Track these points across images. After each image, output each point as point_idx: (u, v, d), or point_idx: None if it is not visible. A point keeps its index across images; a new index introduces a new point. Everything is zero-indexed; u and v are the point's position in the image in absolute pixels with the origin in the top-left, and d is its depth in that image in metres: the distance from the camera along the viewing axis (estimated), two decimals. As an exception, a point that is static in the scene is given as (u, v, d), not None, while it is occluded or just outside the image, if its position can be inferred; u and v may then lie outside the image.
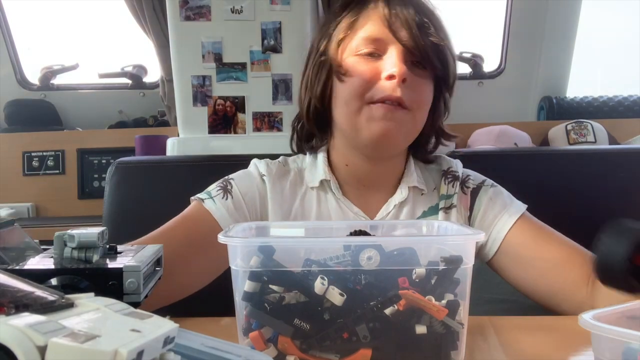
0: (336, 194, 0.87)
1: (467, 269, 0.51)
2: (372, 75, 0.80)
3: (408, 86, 0.79)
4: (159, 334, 0.30)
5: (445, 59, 0.82)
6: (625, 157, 1.31)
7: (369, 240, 0.53)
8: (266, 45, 2.03)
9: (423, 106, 0.83)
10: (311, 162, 0.91)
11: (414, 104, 0.80)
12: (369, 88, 0.80)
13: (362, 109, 0.80)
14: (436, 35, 0.80)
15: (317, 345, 0.50)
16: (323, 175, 0.88)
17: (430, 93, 0.84)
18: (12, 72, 2.44)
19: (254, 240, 0.56)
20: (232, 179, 0.89)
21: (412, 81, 0.79)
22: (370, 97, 0.80)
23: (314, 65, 0.88)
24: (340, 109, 0.84)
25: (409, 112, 0.80)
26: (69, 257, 0.44)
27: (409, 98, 0.79)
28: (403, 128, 0.81)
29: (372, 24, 0.82)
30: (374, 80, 0.80)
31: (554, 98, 2.34)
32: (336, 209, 0.87)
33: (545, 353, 0.62)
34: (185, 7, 2.02)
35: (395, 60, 0.79)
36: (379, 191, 0.89)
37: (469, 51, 2.39)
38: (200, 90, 2.05)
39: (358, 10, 0.85)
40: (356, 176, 0.88)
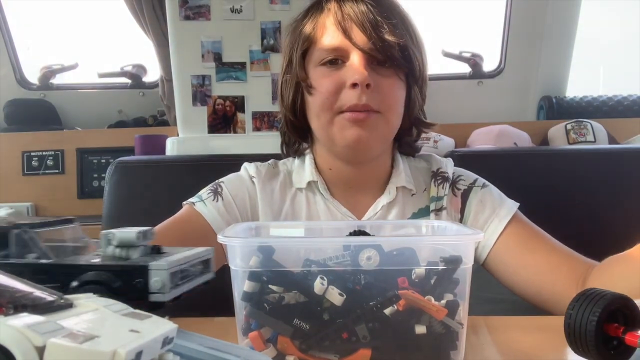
0: (324, 194, 0.88)
1: (466, 269, 0.51)
2: (336, 85, 0.80)
3: (374, 90, 0.79)
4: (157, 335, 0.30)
5: (407, 55, 0.81)
6: (625, 157, 1.31)
7: (369, 241, 0.53)
8: (266, 44, 2.03)
9: (394, 106, 0.83)
10: (299, 165, 0.92)
11: (383, 105, 0.80)
12: (335, 99, 0.80)
13: (333, 120, 0.81)
14: (394, 33, 0.79)
15: (316, 345, 0.50)
16: (310, 177, 0.88)
17: (400, 90, 0.83)
18: (12, 72, 2.44)
19: (253, 240, 0.56)
20: (222, 182, 0.90)
21: (377, 84, 0.79)
22: (338, 108, 0.80)
23: (284, 79, 0.89)
24: (313, 121, 0.85)
25: (380, 115, 0.80)
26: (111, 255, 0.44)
27: (376, 102, 0.79)
28: (376, 132, 0.81)
29: (329, 33, 0.82)
30: (339, 90, 0.80)
31: (554, 98, 2.34)
32: (324, 210, 0.87)
33: (543, 353, 0.62)
34: (185, 6, 2.02)
35: (357, 67, 0.79)
36: (367, 192, 0.89)
37: (469, 51, 2.39)
38: (199, 89, 2.05)
39: (315, 17, 0.84)
40: (341, 179, 0.89)
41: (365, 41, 0.79)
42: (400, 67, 0.81)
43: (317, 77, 0.82)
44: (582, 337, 0.51)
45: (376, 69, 0.80)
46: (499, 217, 0.86)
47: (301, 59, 0.85)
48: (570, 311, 0.52)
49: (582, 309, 0.51)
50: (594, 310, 0.50)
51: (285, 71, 0.88)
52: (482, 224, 0.86)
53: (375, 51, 0.79)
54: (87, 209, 2.15)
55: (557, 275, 0.80)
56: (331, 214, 0.87)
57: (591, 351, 0.51)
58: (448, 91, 2.27)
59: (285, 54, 0.89)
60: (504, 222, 0.85)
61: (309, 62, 0.84)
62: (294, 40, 0.87)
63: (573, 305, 0.52)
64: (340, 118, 0.80)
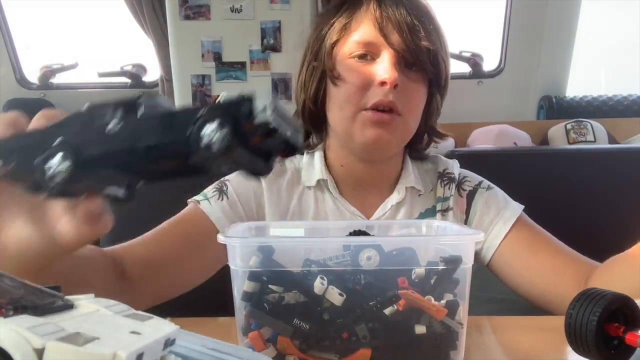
0: (333, 193, 0.88)
1: (466, 269, 0.51)
2: (365, 81, 0.80)
3: (400, 91, 0.79)
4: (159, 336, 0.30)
5: (437, 62, 0.82)
6: (625, 157, 1.31)
7: (369, 240, 0.53)
8: (266, 44, 2.03)
9: (415, 111, 0.83)
10: (308, 162, 0.91)
11: (406, 108, 0.80)
12: (362, 95, 0.80)
13: (356, 115, 0.81)
14: (428, 38, 0.80)
15: (316, 345, 0.50)
16: (320, 175, 0.88)
17: (422, 96, 0.84)
18: (12, 71, 2.44)
19: (253, 240, 0.56)
20: (227, 180, 0.89)
21: (404, 86, 0.79)
22: (364, 104, 0.80)
23: (308, 67, 0.88)
24: (334, 113, 0.84)
25: (401, 117, 0.80)
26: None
27: (401, 103, 0.79)
28: (395, 134, 0.81)
29: (364, 27, 0.82)
30: (367, 87, 0.80)
31: (554, 97, 2.34)
32: (333, 209, 0.87)
33: (544, 353, 0.62)
34: (185, 6, 2.02)
35: (388, 65, 0.79)
36: (376, 191, 0.89)
37: (469, 50, 2.40)
38: (199, 89, 2.05)
39: (351, 12, 0.84)
40: (352, 176, 0.88)
41: (399, 41, 0.79)
42: (427, 73, 0.82)
43: (345, 70, 0.82)
44: (582, 336, 0.51)
45: (404, 71, 0.80)
46: (503, 219, 0.86)
47: (330, 49, 0.84)
48: (571, 311, 0.52)
49: (583, 309, 0.51)
50: (595, 310, 0.50)
51: (312, 58, 0.87)
52: (487, 226, 0.86)
53: (407, 53, 0.79)
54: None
55: (561, 277, 0.80)
56: (340, 213, 0.87)
57: (592, 351, 0.51)
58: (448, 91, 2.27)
59: (313, 40, 0.88)
60: (509, 224, 0.85)
61: (337, 53, 0.84)
62: (325, 29, 0.86)
63: (573, 305, 0.52)
64: (362, 116, 0.80)
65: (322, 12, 0.90)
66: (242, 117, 0.35)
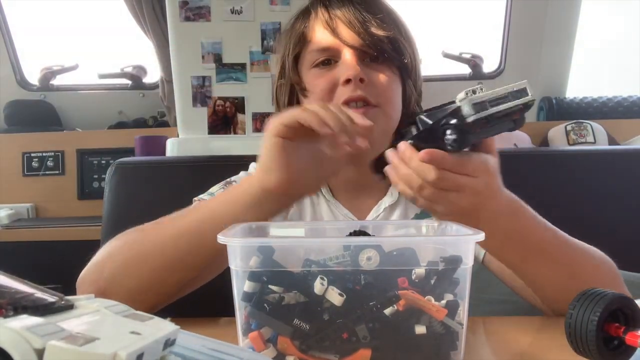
0: (327, 196, 0.88)
1: (466, 269, 0.51)
2: (330, 84, 0.80)
3: (368, 84, 0.79)
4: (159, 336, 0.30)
5: (397, 48, 0.81)
6: (625, 158, 1.31)
7: (369, 241, 0.53)
8: (266, 45, 2.03)
9: (391, 99, 0.83)
10: None
11: (380, 99, 0.80)
12: (330, 98, 0.80)
13: None
14: (381, 26, 0.80)
15: (316, 345, 0.50)
16: None
17: (395, 84, 0.83)
18: (12, 73, 2.44)
19: (253, 241, 0.56)
20: (234, 181, 0.89)
21: (371, 78, 0.79)
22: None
23: (278, 84, 0.89)
24: None
25: (379, 109, 0.80)
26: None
27: (372, 95, 0.79)
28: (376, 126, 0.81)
29: (318, 34, 0.82)
30: (334, 88, 0.80)
31: (554, 98, 2.34)
32: (327, 212, 0.87)
33: (544, 353, 0.62)
34: (185, 7, 2.02)
35: (349, 63, 0.79)
36: (370, 193, 0.89)
37: (469, 52, 2.40)
38: (200, 90, 2.05)
39: (303, 22, 0.85)
40: (344, 180, 0.88)
41: (354, 38, 0.79)
42: (392, 61, 0.82)
43: (311, 79, 0.83)
44: (582, 337, 0.51)
45: (369, 65, 0.80)
46: None
47: (294, 64, 0.85)
48: (571, 311, 0.52)
49: (583, 309, 0.51)
50: (595, 310, 0.50)
51: (279, 76, 0.89)
52: None
53: (365, 46, 0.79)
54: (87, 210, 2.14)
55: None
56: (334, 216, 0.87)
57: (592, 351, 0.50)
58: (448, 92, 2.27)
59: (278, 60, 0.89)
60: None
61: (302, 66, 0.85)
62: (285, 45, 0.87)
63: (574, 305, 0.52)
64: None
65: (284, 30, 0.91)
66: (460, 121, 0.55)
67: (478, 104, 0.54)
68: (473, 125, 0.54)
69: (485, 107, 0.54)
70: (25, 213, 2.18)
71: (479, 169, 0.59)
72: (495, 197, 0.62)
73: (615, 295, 0.51)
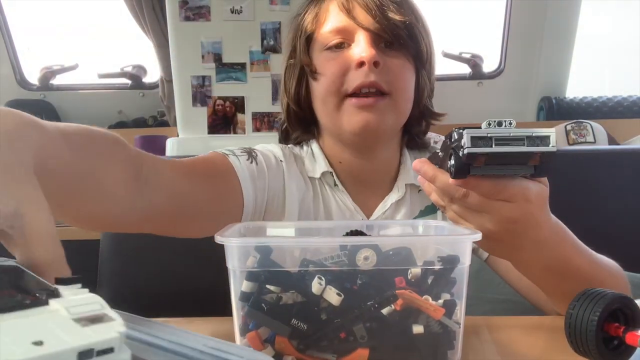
0: (339, 186, 0.86)
1: (463, 269, 0.51)
2: (343, 67, 0.77)
3: (382, 70, 0.76)
4: (63, 349, 0.26)
5: (414, 34, 0.79)
6: (625, 158, 1.31)
7: (366, 240, 0.53)
8: (266, 45, 2.03)
9: (403, 88, 0.80)
10: (310, 152, 0.89)
11: (393, 86, 0.78)
12: (342, 81, 0.77)
13: (340, 105, 0.78)
14: (399, 11, 0.78)
15: (314, 345, 0.50)
16: (324, 167, 0.86)
17: (409, 73, 0.81)
18: (12, 72, 2.44)
19: (251, 240, 0.56)
20: (256, 149, 0.85)
21: (385, 64, 0.77)
22: (345, 90, 0.77)
23: (287, 66, 0.87)
24: (319, 108, 0.83)
25: (390, 98, 0.78)
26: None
27: (385, 81, 0.77)
28: (385, 116, 0.79)
29: (333, 15, 0.80)
30: (345, 72, 0.77)
31: (554, 98, 2.34)
32: (335, 204, 0.86)
33: (544, 353, 0.62)
34: (185, 7, 2.02)
35: (363, 45, 0.76)
36: (377, 188, 0.87)
37: (469, 51, 2.40)
38: (199, 90, 2.05)
39: (318, 3, 0.83)
40: (351, 173, 0.87)
41: (370, 21, 0.77)
42: (407, 48, 0.79)
43: (322, 62, 0.80)
44: (582, 336, 0.51)
45: (384, 51, 0.78)
46: None
47: (305, 45, 0.83)
48: (571, 311, 0.52)
49: (583, 309, 0.51)
50: (595, 309, 0.50)
51: (289, 57, 0.86)
52: None
53: (381, 30, 0.77)
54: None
55: None
56: (341, 209, 0.85)
57: (592, 351, 0.50)
58: (448, 92, 2.27)
59: (289, 42, 0.87)
60: None
61: (313, 48, 0.83)
62: (298, 26, 0.85)
63: (574, 305, 0.52)
64: (347, 104, 0.78)
65: (295, 16, 0.89)
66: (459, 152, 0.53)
67: (480, 138, 0.51)
68: (469, 158, 0.51)
69: (489, 144, 0.51)
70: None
71: (517, 196, 0.56)
72: (538, 226, 0.59)
73: (615, 295, 0.51)
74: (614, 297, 0.51)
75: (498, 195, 0.56)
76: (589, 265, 0.69)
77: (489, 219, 0.57)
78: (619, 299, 0.51)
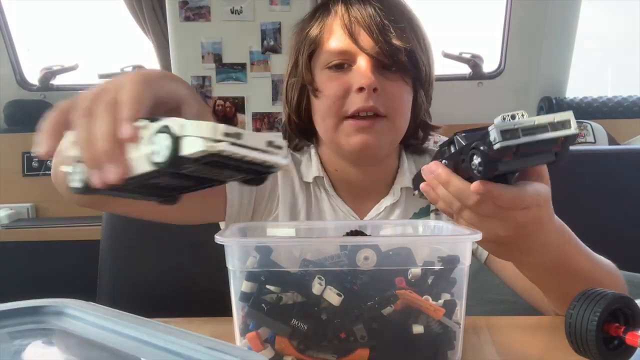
0: (329, 191, 0.88)
1: (463, 269, 0.51)
2: (343, 90, 0.79)
3: (381, 94, 0.78)
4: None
5: (414, 60, 0.81)
6: (625, 158, 1.31)
7: (366, 240, 0.53)
8: (266, 45, 2.03)
9: (400, 110, 0.82)
10: (307, 157, 0.91)
11: (391, 110, 0.80)
12: (342, 104, 0.79)
13: (339, 125, 0.80)
14: (400, 36, 0.79)
15: (314, 345, 0.50)
16: (317, 172, 0.88)
17: (406, 95, 0.83)
18: (12, 73, 2.44)
19: (251, 241, 0.56)
20: None
21: (384, 88, 0.79)
22: (344, 112, 0.79)
23: (289, 81, 0.88)
24: (319, 124, 0.85)
25: (387, 120, 0.80)
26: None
27: (383, 105, 0.78)
28: (383, 137, 0.81)
29: (336, 36, 0.81)
30: (346, 95, 0.79)
31: (554, 98, 2.34)
32: (329, 207, 0.87)
33: (544, 353, 0.62)
34: (185, 7, 2.02)
35: (364, 71, 0.78)
36: (372, 193, 0.89)
37: (469, 52, 2.39)
38: (199, 90, 2.05)
39: (322, 20, 0.84)
40: (346, 181, 0.88)
41: (372, 45, 0.78)
42: (406, 72, 0.81)
43: (324, 81, 0.82)
44: (583, 336, 0.51)
45: (383, 73, 0.80)
46: None
47: (307, 61, 0.84)
48: (571, 311, 0.52)
49: (583, 309, 0.51)
50: (595, 309, 0.50)
51: (291, 73, 0.88)
52: None
53: (382, 55, 0.78)
54: (87, 210, 2.13)
55: None
56: (334, 211, 0.87)
57: (592, 351, 0.50)
58: (448, 92, 2.27)
59: (291, 55, 0.88)
60: None
61: (315, 64, 0.84)
62: (300, 42, 0.86)
63: (573, 305, 0.52)
64: (345, 124, 0.80)
65: (297, 23, 0.90)
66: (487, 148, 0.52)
67: (508, 131, 0.50)
68: (500, 153, 0.51)
69: (517, 135, 0.50)
70: (25, 213, 2.18)
71: (533, 203, 0.56)
72: (545, 229, 0.60)
73: (615, 295, 0.51)
74: (614, 297, 0.51)
75: (520, 206, 0.55)
76: (588, 265, 0.69)
77: (500, 225, 0.56)
78: (619, 299, 0.51)
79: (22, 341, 0.45)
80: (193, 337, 0.39)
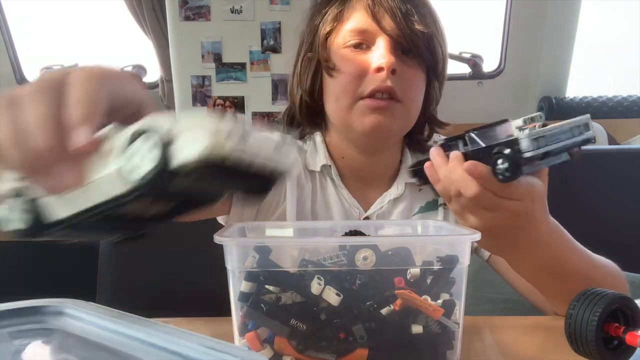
0: (336, 180, 0.87)
1: (462, 269, 0.51)
2: (361, 69, 0.78)
3: (398, 77, 0.78)
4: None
5: (433, 46, 0.81)
6: (624, 157, 1.31)
7: (365, 240, 0.53)
8: (266, 45, 2.03)
9: (415, 97, 0.82)
10: (312, 146, 0.90)
11: (406, 95, 0.79)
12: (359, 83, 0.78)
13: (353, 105, 0.79)
14: (422, 21, 0.79)
15: (313, 345, 0.50)
16: (324, 161, 0.87)
17: (421, 82, 0.83)
18: (12, 72, 2.44)
19: (249, 241, 0.56)
20: None
21: (402, 72, 0.78)
22: (361, 92, 0.78)
23: (303, 59, 0.87)
24: (331, 104, 0.83)
25: (401, 105, 0.79)
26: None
27: (400, 88, 0.78)
28: (395, 121, 0.80)
29: (357, 15, 0.81)
30: (363, 75, 0.78)
31: (554, 98, 2.34)
32: (334, 196, 0.87)
33: (544, 353, 0.62)
34: (185, 7, 2.02)
35: (383, 51, 0.77)
36: (376, 184, 0.89)
37: (469, 51, 2.39)
38: (199, 90, 2.05)
39: (343, 1, 0.84)
40: (352, 169, 0.88)
41: (393, 27, 0.78)
42: (423, 58, 0.81)
43: (341, 59, 0.81)
44: (582, 336, 0.51)
45: (401, 58, 0.79)
46: None
47: (324, 40, 0.83)
48: (571, 311, 0.52)
49: (583, 309, 0.51)
50: (595, 310, 0.50)
51: (307, 49, 0.87)
52: None
53: (402, 38, 0.78)
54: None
55: None
56: (340, 201, 0.87)
57: (592, 351, 0.50)
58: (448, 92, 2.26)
59: (307, 32, 0.88)
60: None
61: (332, 42, 0.83)
62: (318, 19, 0.86)
63: (573, 305, 0.52)
64: (360, 104, 0.79)
65: (315, 3, 0.89)
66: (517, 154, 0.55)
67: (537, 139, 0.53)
68: (529, 160, 0.53)
69: (544, 143, 0.53)
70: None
71: (525, 194, 0.58)
72: (537, 226, 0.61)
73: (615, 295, 0.51)
74: (614, 297, 0.51)
75: (509, 195, 0.57)
76: (585, 266, 0.69)
77: (493, 215, 0.58)
78: (619, 299, 0.51)
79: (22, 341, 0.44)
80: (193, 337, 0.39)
